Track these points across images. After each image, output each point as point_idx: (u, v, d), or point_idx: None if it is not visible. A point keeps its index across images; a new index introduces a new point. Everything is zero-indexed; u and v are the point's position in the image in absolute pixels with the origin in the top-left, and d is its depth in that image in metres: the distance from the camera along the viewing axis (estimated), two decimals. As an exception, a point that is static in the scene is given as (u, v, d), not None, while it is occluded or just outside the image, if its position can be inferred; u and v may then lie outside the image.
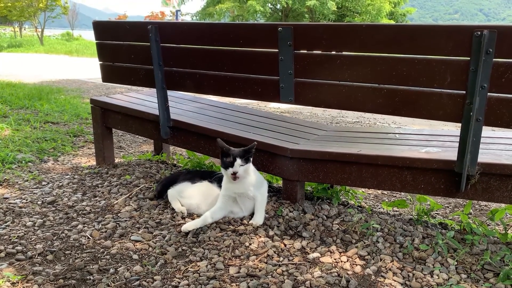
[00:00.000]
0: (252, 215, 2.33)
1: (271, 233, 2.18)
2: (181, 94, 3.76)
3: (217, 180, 2.43)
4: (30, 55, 20.50)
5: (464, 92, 1.86)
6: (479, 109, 1.84)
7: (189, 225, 2.19)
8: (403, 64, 1.96)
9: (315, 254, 1.99)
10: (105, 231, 2.20)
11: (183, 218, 2.36)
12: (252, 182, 2.28)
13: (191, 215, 2.39)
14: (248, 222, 2.28)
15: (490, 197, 2.01)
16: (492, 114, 1.85)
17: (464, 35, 1.80)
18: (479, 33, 1.75)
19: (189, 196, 2.44)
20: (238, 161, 2.18)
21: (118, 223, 2.29)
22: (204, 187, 2.46)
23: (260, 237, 2.14)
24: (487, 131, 2.45)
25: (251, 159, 2.26)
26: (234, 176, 2.18)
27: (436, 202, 2.47)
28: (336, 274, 1.83)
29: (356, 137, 2.71)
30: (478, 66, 1.78)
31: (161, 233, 2.18)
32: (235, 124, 2.85)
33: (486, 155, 2.08)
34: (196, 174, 2.59)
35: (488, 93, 1.82)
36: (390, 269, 1.88)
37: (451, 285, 1.75)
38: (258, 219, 2.27)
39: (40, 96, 6.63)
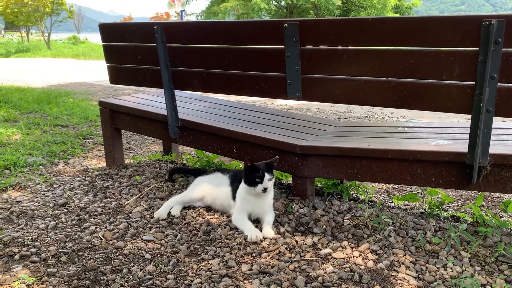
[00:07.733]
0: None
1: (282, 229, 2.18)
2: (188, 94, 3.77)
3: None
4: (38, 60, 20.70)
5: (474, 83, 1.84)
6: (489, 100, 1.81)
7: (255, 236, 2.09)
8: (411, 56, 1.94)
9: (327, 250, 1.99)
10: (117, 232, 2.21)
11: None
12: (271, 201, 2.28)
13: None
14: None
15: (502, 189, 1.99)
16: (503, 104, 1.83)
17: (472, 25, 1.77)
18: (487, 23, 1.73)
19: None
20: (267, 176, 2.15)
21: (130, 224, 2.30)
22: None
23: (271, 234, 2.14)
24: (497, 122, 2.42)
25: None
26: (265, 190, 2.15)
27: (447, 195, 2.45)
28: (348, 269, 1.83)
29: (365, 131, 2.70)
30: (487, 57, 1.76)
31: (173, 232, 2.19)
32: (243, 122, 2.86)
33: (498, 146, 2.06)
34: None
35: (498, 84, 1.79)
36: (403, 263, 1.87)
37: (465, 277, 1.73)
38: (270, 231, 2.15)
39: (48, 100, 6.69)
